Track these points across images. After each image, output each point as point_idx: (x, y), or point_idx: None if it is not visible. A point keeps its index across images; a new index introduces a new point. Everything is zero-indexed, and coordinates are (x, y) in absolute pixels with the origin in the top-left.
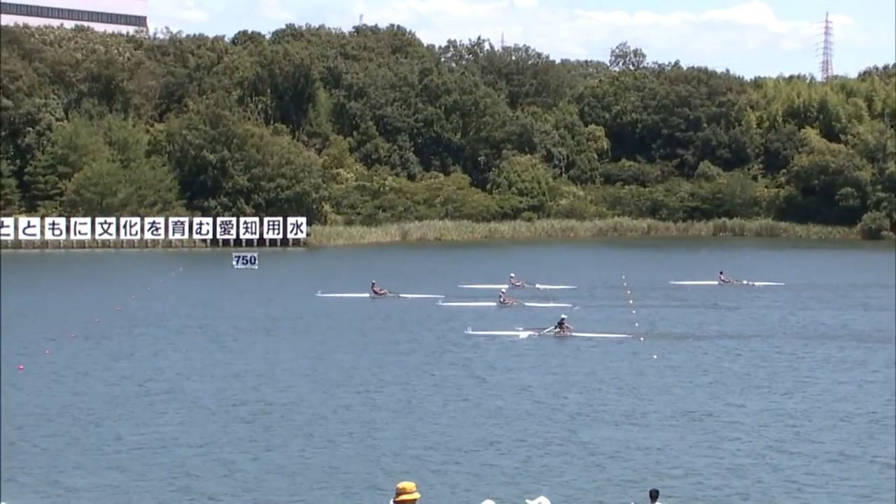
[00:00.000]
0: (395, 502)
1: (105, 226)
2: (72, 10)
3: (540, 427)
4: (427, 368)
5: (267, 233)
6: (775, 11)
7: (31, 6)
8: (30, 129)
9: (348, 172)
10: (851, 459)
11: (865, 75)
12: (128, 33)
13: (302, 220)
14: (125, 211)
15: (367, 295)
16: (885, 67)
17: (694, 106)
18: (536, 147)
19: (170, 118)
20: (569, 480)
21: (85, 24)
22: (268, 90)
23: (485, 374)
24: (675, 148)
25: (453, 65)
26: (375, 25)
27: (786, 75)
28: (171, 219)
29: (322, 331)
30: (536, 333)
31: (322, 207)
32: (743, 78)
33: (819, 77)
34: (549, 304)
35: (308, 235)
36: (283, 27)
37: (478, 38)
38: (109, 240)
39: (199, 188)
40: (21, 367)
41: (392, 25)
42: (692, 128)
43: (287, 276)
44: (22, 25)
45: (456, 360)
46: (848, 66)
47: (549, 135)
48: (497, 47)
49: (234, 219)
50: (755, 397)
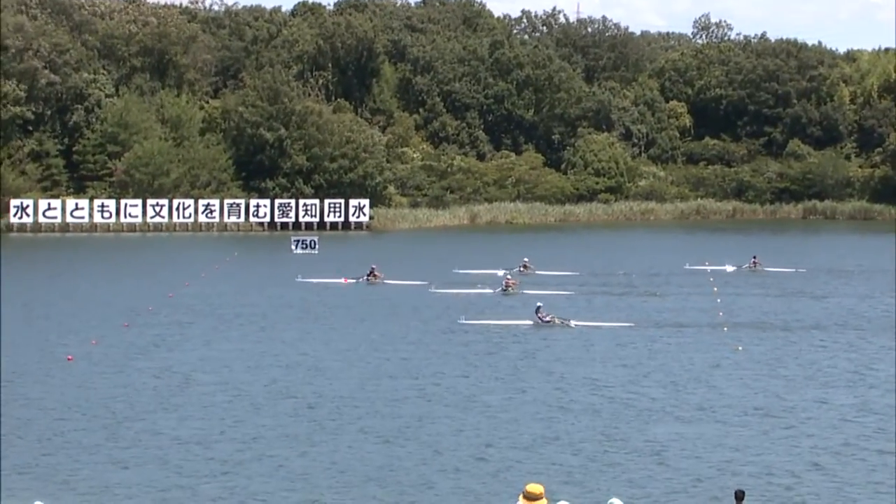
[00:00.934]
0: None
1: (157, 208)
2: None
3: (607, 422)
4: (490, 360)
5: (327, 216)
6: None
7: None
8: (78, 106)
9: (414, 152)
10: None
11: None
12: (181, 5)
13: (365, 203)
14: (178, 192)
15: (362, 279)
16: None
17: (783, 81)
18: (614, 124)
19: (225, 94)
20: (636, 479)
21: None
22: (329, 65)
23: (549, 366)
24: (763, 125)
25: (526, 37)
26: None
27: (882, 48)
28: (227, 201)
29: (380, 320)
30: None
31: (386, 189)
32: (835, 50)
33: None
34: (553, 291)
35: (371, 219)
36: None
37: (552, 9)
38: (161, 223)
39: (256, 168)
40: (70, 358)
41: None
42: (781, 104)
43: (349, 262)
44: None
45: (520, 351)
46: None
47: (628, 111)
48: (572, 19)
49: (293, 201)
50: (839, 391)
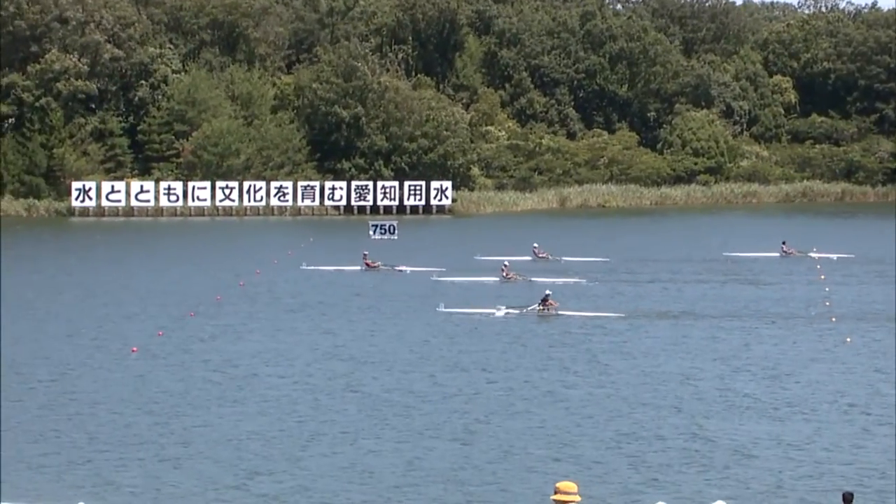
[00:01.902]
0: (554, 500)
1: (226, 191)
2: None
3: (695, 418)
4: (568, 353)
5: (407, 199)
6: None
7: None
8: (143, 83)
9: (499, 130)
10: None
11: None
12: None
13: (447, 185)
14: (248, 174)
15: (358, 268)
16: None
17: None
18: (714, 101)
19: (299, 70)
20: (729, 480)
21: None
22: (409, 38)
23: (635, 360)
24: (874, 101)
25: (619, 7)
26: None
27: None
28: (300, 183)
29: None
30: (517, 311)
31: (469, 170)
32: None
33: None
34: (563, 280)
35: (453, 202)
36: None
37: None
38: (231, 206)
39: (332, 149)
40: (134, 350)
41: None
42: (893, 78)
43: (430, 248)
44: None
45: (603, 344)
46: None
47: (729, 87)
48: None
49: (371, 183)
50: None
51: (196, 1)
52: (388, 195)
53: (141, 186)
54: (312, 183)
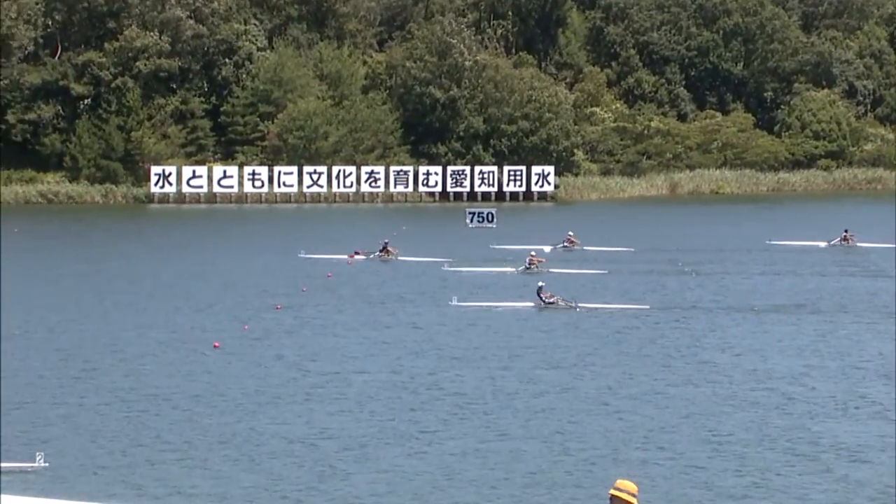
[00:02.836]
0: (611, 495)
1: (314, 176)
2: None
3: (770, 420)
4: (628, 348)
5: (507, 185)
6: None
7: None
8: (226, 61)
9: (605, 112)
10: None
11: None
12: None
13: (549, 170)
14: (338, 158)
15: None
16: None
17: None
18: (836, 80)
19: (391, 47)
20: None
21: None
22: (508, 13)
23: (709, 356)
24: None
25: None
26: None
27: None
28: (393, 168)
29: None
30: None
31: (573, 155)
32: None
33: None
34: (583, 270)
35: (556, 188)
36: None
37: None
38: (319, 193)
39: (426, 132)
40: (217, 345)
41: None
42: None
43: (530, 238)
44: None
45: (662, 338)
46: None
47: (852, 65)
48: None
49: (468, 168)
50: None
51: None
52: (486, 181)
53: (224, 171)
54: (406, 168)
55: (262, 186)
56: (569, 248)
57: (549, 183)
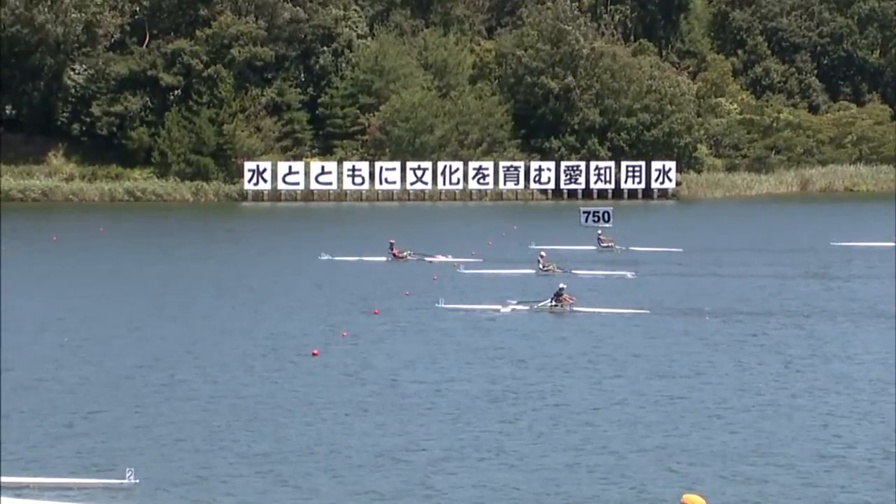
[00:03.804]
0: None
1: (418, 172)
2: None
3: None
4: (733, 353)
5: (625, 182)
6: None
7: None
8: (325, 49)
9: (731, 103)
10: None
11: None
12: None
13: (670, 166)
14: (443, 153)
15: (385, 258)
16: None
17: None
18: None
19: (500, 34)
20: None
21: None
22: None
23: (834, 366)
24: None
25: None
26: None
27: None
28: (502, 163)
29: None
30: (527, 307)
31: (696, 149)
32: None
33: None
34: (609, 272)
35: (678, 185)
36: None
37: None
38: (423, 190)
39: (538, 124)
40: (315, 353)
41: None
42: None
43: (649, 238)
44: None
45: (766, 342)
46: None
47: None
48: None
49: (583, 164)
50: None
51: None
52: (603, 178)
53: (321, 167)
54: (516, 163)
55: (363, 183)
56: (607, 249)
57: (671, 180)
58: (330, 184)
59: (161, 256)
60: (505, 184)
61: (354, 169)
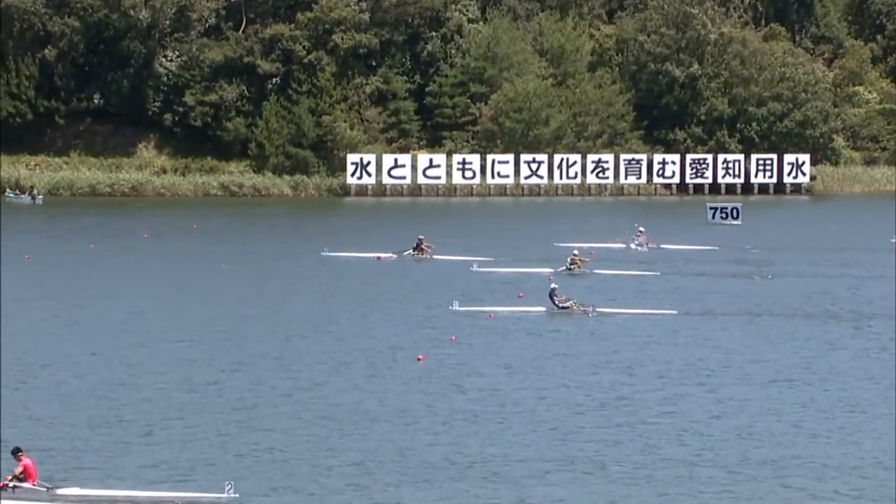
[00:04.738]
0: None
1: (533, 166)
2: None
3: None
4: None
5: (755, 176)
6: None
7: None
8: (433, 34)
9: (870, 92)
10: None
11: None
12: None
13: (804, 159)
14: (560, 146)
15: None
16: None
17: None
18: None
19: (621, 18)
20: None
21: None
22: None
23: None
24: None
25: None
26: None
27: None
28: (623, 156)
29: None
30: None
31: (832, 141)
32: None
33: None
34: (631, 272)
35: (812, 179)
36: None
37: None
38: (538, 185)
39: (662, 115)
40: (420, 358)
41: None
42: None
43: (781, 236)
44: None
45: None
46: None
47: None
48: None
49: (710, 157)
50: None
51: None
52: (732, 171)
53: (429, 160)
54: (638, 156)
55: (473, 177)
56: (641, 246)
57: (804, 173)
58: (438, 178)
59: (256, 256)
60: (626, 178)
61: (465, 162)
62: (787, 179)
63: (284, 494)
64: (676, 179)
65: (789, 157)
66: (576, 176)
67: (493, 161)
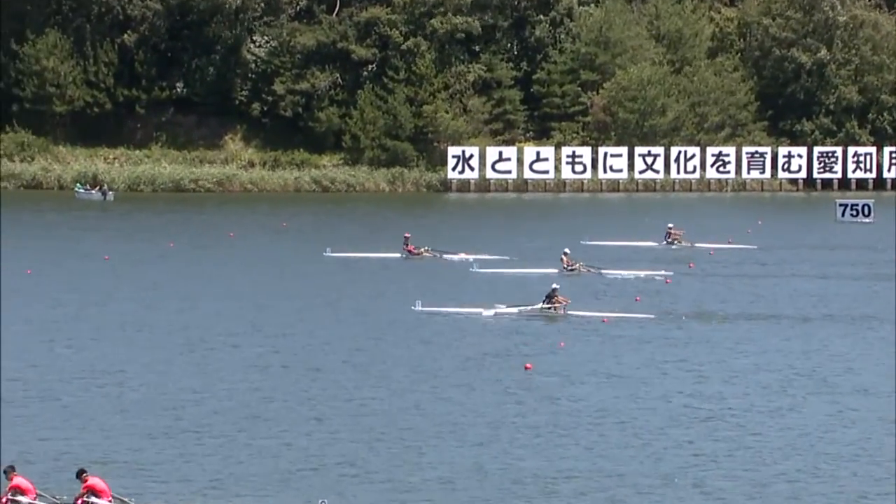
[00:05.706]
0: None
1: (648, 159)
2: None
3: None
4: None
5: (888, 170)
6: None
7: None
8: (541, 18)
9: None
10: None
11: None
12: None
13: None
14: (677, 138)
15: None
16: None
17: None
18: None
19: (744, 1)
20: None
21: None
22: None
23: None
24: None
25: None
26: None
27: None
28: (746, 149)
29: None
30: (515, 311)
31: None
32: None
33: None
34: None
35: None
36: None
37: None
38: (654, 179)
39: (788, 105)
40: (528, 367)
41: None
42: None
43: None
44: None
45: None
46: None
47: None
48: None
49: (839, 150)
50: None
51: None
52: (863, 165)
53: (537, 153)
54: (762, 149)
55: (584, 171)
56: (672, 244)
57: None
58: (546, 172)
59: (349, 257)
60: (749, 172)
61: (574, 155)
62: None
63: None
64: (803, 174)
65: None
66: (694, 170)
67: (605, 154)
